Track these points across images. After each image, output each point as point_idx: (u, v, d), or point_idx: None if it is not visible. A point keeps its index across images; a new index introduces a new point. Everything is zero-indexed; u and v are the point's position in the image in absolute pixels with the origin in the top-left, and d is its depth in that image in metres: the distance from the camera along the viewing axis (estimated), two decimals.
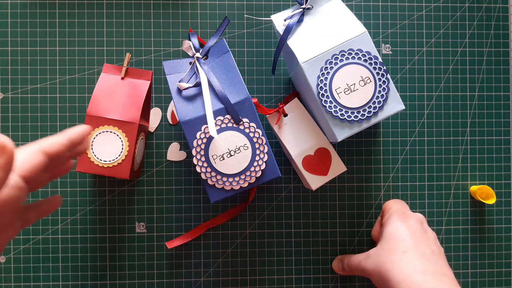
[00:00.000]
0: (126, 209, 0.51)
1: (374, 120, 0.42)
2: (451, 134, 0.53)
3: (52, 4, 0.51)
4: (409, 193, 0.53)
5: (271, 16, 0.46)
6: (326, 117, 0.42)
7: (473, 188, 0.52)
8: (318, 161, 0.46)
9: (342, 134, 0.42)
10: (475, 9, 0.54)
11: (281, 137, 0.47)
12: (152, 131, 0.51)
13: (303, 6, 0.45)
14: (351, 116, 0.42)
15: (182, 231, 0.51)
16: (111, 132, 0.44)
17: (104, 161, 0.44)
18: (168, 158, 0.51)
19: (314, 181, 0.46)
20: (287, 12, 0.46)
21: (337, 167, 0.46)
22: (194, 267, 0.51)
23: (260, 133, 0.42)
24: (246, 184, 0.42)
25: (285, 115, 0.47)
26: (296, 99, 0.48)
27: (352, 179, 0.52)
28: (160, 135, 0.51)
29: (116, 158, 0.44)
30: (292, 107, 0.48)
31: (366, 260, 0.43)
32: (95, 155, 0.43)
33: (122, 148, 0.44)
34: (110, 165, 0.44)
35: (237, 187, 0.42)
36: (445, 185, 0.53)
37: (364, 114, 0.42)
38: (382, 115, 0.42)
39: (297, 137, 0.47)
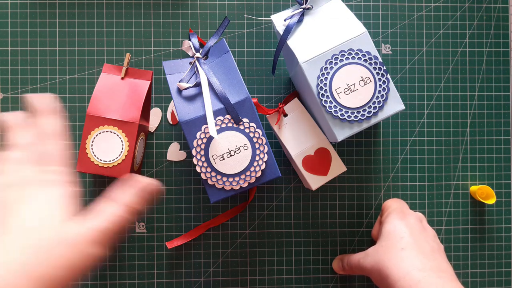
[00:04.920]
0: None
1: (374, 120, 0.42)
2: (451, 134, 0.53)
3: (52, 4, 0.51)
4: (409, 193, 0.53)
5: (271, 16, 0.46)
6: (326, 117, 0.42)
7: (473, 188, 0.52)
8: (318, 161, 0.46)
9: (342, 134, 0.42)
10: (475, 9, 0.54)
11: (281, 137, 0.47)
12: (152, 131, 0.51)
13: (303, 6, 0.45)
14: (351, 116, 0.42)
15: (182, 231, 0.51)
16: (111, 132, 0.44)
17: (104, 161, 0.44)
18: (168, 158, 0.51)
19: (314, 181, 0.46)
20: (287, 12, 0.46)
21: (337, 167, 0.46)
22: (194, 267, 0.51)
23: (260, 133, 0.41)
24: (246, 184, 0.42)
25: (285, 115, 0.47)
26: (296, 99, 0.48)
27: (352, 179, 0.52)
28: (160, 135, 0.51)
29: (116, 158, 0.44)
30: (292, 107, 0.48)
31: (365, 258, 0.43)
32: (95, 155, 0.43)
33: (122, 148, 0.44)
34: (110, 165, 0.44)
35: (237, 187, 0.42)
36: (445, 185, 0.53)
37: (364, 114, 0.42)
38: (382, 115, 0.42)
39: (297, 137, 0.47)
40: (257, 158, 0.42)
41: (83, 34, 0.51)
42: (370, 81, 0.42)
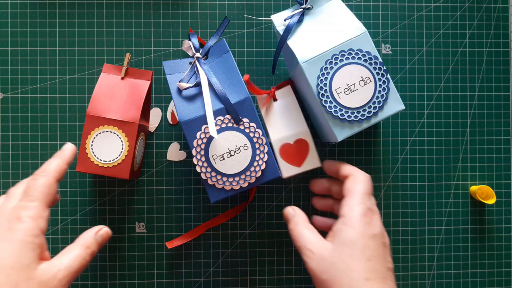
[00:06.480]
0: (126, 209, 0.51)
1: (374, 120, 0.42)
2: (451, 134, 0.53)
3: (52, 4, 0.51)
4: (409, 193, 0.53)
5: (271, 16, 0.46)
6: (326, 117, 0.42)
7: (473, 188, 0.52)
8: (295, 151, 0.46)
9: (342, 134, 0.42)
10: (475, 9, 0.54)
11: (266, 120, 0.47)
12: (152, 131, 0.51)
13: (303, 6, 0.45)
14: (351, 116, 0.42)
15: (182, 231, 0.51)
16: (111, 132, 0.44)
17: (104, 161, 0.44)
18: (168, 158, 0.51)
19: (286, 170, 0.45)
20: (287, 12, 0.46)
21: (312, 161, 0.46)
22: (194, 267, 0.51)
23: (260, 133, 0.41)
24: (246, 184, 0.42)
25: (275, 99, 0.47)
26: (289, 86, 0.48)
27: None
28: (160, 135, 0.51)
29: (116, 158, 0.44)
30: (284, 94, 0.47)
31: (313, 257, 0.37)
32: (95, 155, 0.43)
33: (122, 148, 0.44)
34: (110, 165, 0.44)
35: (237, 187, 0.42)
36: (445, 185, 0.53)
37: (364, 114, 0.42)
38: (382, 115, 0.42)
39: (281, 123, 0.46)
40: (257, 158, 0.42)
41: (83, 34, 0.51)
42: (370, 81, 0.42)
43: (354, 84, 0.42)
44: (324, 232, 0.42)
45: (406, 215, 0.52)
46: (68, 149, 0.39)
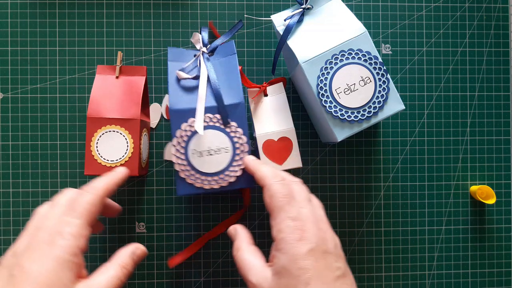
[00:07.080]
0: (126, 209, 0.51)
1: (374, 120, 0.42)
2: (451, 134, 0.53)
3: (52, 4, 0.51)
4: (409, 193, 0.53)
5: (271, 16, 0.46)
6: (326, 117, 0.42)
7: (473, 188, 0.52)
8: (278, 148, 0.45)
9: (342, 134, 0.42)
10: (475, 9, 0.54)
11: (253, 114, 0.46)
12: (153, 126, 0.51)
13: (303, 6, 0.45)
14: (351, 116, 0.42)
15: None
16: (114, 131, 0.44)
17: (111, 161, 0.44)
18: (165, 158, 0.51)
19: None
20: (287, 12, 0.46)
21: (294, 161, 0.45)
22: (194, 267, 0.51)
23: (245, 140, 0.41)
24: (217, 186, 0.41)
25: (266, 95, 0.47)
26: (281, 83, 0.47)
27: (352, 179, 0.52)
28: (160, 135, 0.51)
29: (122, 157, 0.44)
30: (275, 90, 0.47)
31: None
32: (101, 156, 0.43)
33: (127, 146, 0.44)
34: (118, 164, 0.44)
35: (208, 187, 0.41)
36: (445, 185, 0.53)
37: (364, 114, 0.42)
38: (382, 115, 0.42)
39: (268, 119, 0.46)
40: (235, 163, 0.41)
41: (83, 34, 0.51)
42: (370, 81, 0.42)
43: (354, 84, 0.42)
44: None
45: (406, 215, 0.52)
46: (121, 172, 0.39)
